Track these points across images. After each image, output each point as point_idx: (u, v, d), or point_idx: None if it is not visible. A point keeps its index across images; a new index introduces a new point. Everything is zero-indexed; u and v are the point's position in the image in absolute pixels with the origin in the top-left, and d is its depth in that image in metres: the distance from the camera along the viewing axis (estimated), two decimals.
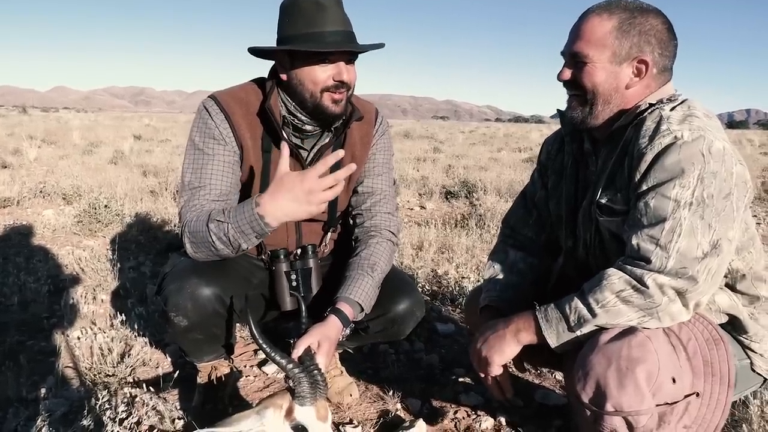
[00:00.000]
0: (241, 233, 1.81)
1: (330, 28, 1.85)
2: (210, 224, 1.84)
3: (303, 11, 1.85)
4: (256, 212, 1.76)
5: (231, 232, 1.81)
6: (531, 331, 1.64)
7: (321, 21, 1.84)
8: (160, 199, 6.65)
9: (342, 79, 1.89)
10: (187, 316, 1.94)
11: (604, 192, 1.69)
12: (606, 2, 1.66)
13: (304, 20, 1.85)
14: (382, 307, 2.10)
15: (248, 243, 1.85)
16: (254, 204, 1.77)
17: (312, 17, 1.84)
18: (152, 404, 2.19)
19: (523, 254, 2.04)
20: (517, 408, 2.35)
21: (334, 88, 1.90)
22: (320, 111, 1.94)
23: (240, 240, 1.82)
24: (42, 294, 3.48)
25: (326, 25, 1.84)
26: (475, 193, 7.40)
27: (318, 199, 1.73)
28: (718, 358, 1.54)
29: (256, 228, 1.79)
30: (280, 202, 1.75)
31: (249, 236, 1.82)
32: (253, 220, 1.77)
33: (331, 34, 1.85)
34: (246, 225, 1.79)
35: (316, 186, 1.71)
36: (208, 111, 1.99)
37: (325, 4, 1.85)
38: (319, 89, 1.89)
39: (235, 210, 1.82)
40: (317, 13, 1.84)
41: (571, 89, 1.72)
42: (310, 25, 1.84)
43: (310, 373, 1.53)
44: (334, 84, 1.89)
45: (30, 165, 10.07)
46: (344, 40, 1.88)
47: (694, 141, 1.49)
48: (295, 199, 1.73)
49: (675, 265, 1.47)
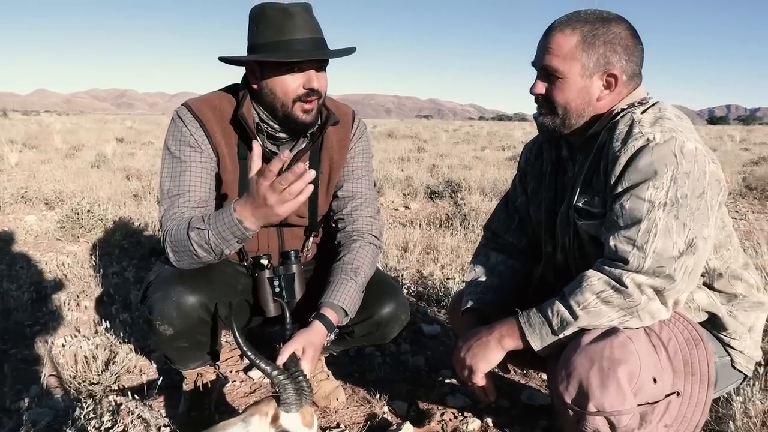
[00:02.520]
0: (222, 239, 1.81)
1: (298, 35, 1.84)
2: (190, 232, 1.83)
3: (270, 19, 1.84)
4: (235, 217, 1.76)
5: (212, 239, 1.81)
6: (515, 337, 1.66)
7: (289, 29, 1.83)
8: (143, 203, 6.61)
9: (312, 87, 1.88)
10: (173, 324, 1.93)
11: (581, 196, 1.71)
12: (566, 17, 1.67)
13: (272, 29, 1.84)
14: (367, 311, 2.10)
15: (230, 248, 1.85)
16: (232, 209, 1.76)
17: (279, 25, 1.83)
18: (138, 412, 2.17)
19: (505, 257, 2.05)
20: (503, 409, 2.37)
21: (305, 96, 1.89)
22: (291, 120, 1.93)
23: (222, 246, 1.82)
24: (24, 301, 3.45)
25: (294, 32, 1.84)
26: (459, 193, 7.42)
27: (276, 201, 1.65)
28: (698, 357, 1.57)
29: (237, 233, 1.78)
30: (248, 207, 1.73)
31: (230, 242, 1.82)
32: (233, 226, 1.77)
33: (300, 42, 1.84)
34: (226, 231, 1.79)
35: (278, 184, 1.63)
36: (182, 119, 1.99)
37: (292, 11, 1.84)
38: (290, 99, 1.89)
39: (215, 216, 1.82)
40: (285, 20, 1.83)
41: (542, 102, 1.74)
42: (278, 33, 1.83)
43: (295, 379, 1.53)
44: (305, 92, 1.88)
45: (11, 170, 9.95)
46: (313, 48, 1.87)
47: (666, 142, 1.52)
48: (256, 203, 1.69)
49: (652, 264, 1.50)
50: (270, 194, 1.65)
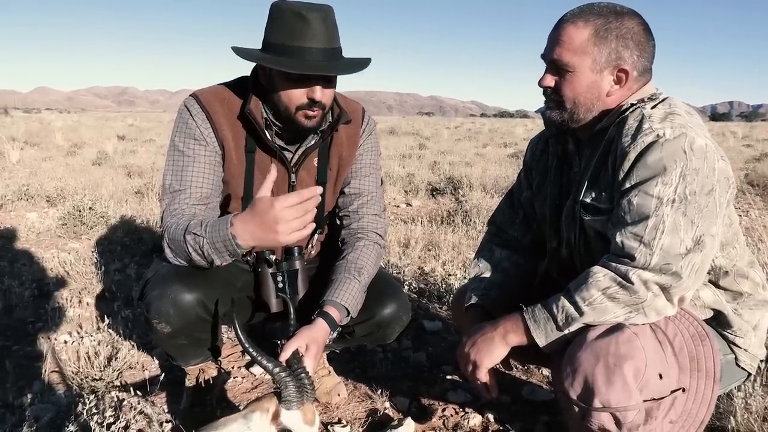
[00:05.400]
0: (215, 250, 1.75)
1: (310, 44, 1.76)
2: (187, 236, 1.79)
3: (285, 20, 1.78)
4: (230, 232, 1.69)
5: (206, 248, 1.76)
6: (519, 333, 1.65)
7: (301, 35, 1.76)
8: (145, 200, 6.61)
9: (315, 98, 1.83)
10: (170, 322, 1.91)
11: (588, 191, 1.70)
12: (579, 9, 1.65)
13: (285, 31, 1.78)
14: (369, 312, 2.09)
15: (222, 260, 1.79)
16: (229, 223, 1.70)
17: (292, 29, 1.77)
18: (140, 408, 2.17)
19: (509, 252, 2.04)
20: (505, 404, 2.37)
21: (308, 106, 1.85)
22: (293, 124, 1.90)
23: (213, 256, 1.77)
24: (27, 298, 3.45)
25: (306, 40, 1.76)
26: (461, 189, 7.42)
27: (286, 230, 1.58)
28: (704, 354, 1.56)
29: (229, 247, 1.72)
30: (249, 226, 1.65)
31: (222, 254, 1.76)
32: (226, 240, 1.71)
33: (310, 52, 1.77)
34: (220, 243, 1.73)
35: (284, 216, 1.56)
36: (189, 111, 1.95)
37: (308, 17, 1.76)
38: (293, 107, 1.85)
39: (212, 226, 1.76)
40: (298, 25, 1.76)
41: (551, 95, 1.72)
42: (290, 37, 1.77)
43: (297, 376, 1.53)
44: (308, 102, 1.84)
45: (12, 167, 9.95)
46: (324, 60, 1.79)
47: (676, 138, 1.50)
48: (262, 224, 1.61)
49: (659, 261, 1.48)
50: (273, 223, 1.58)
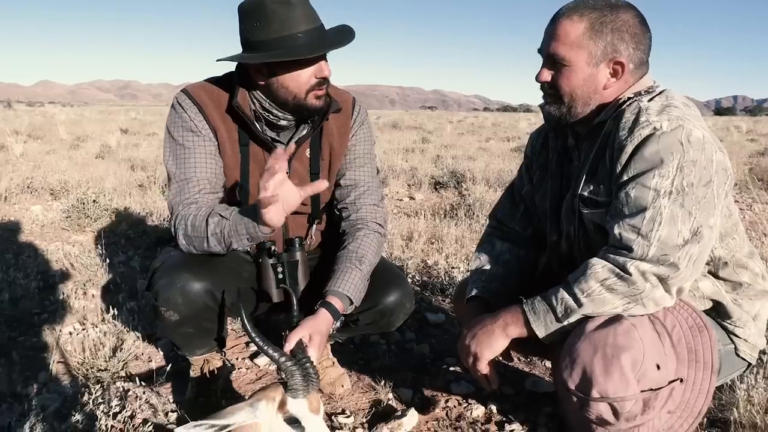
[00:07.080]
0: (235, 232, 1.83)
1: (303, 27, 1.84)
2: (211, 218, 1.87)
3: (273, 14, 1.82)
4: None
5: (227, 229, 1.84)
6: (519, 325, 1.67)
7: (292, 22, 1.82)
8: (148, 193, 6.63)
9: (324, 76, 1.92)
10: (178, 310, 1.95)
11: (587, 184, 1.71)
12: (574, 3, 1.66)
13: (275, 24, 1.82)
14: (372, 300, 2.11)
15: (240, 243, 1.87)
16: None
17: (283, 19, 1.82)
18: (145, 398, 2.20)
19: (509, 245, 2.05)
20: (507, 396, 2.38)
21: (317, 85, 1.92)
22: (304, 108, 1.96)
23: (232, 238, 1.85)
24: (32, 290, 3.47)
25: (299, 25, 1.83)
26: (464, 183, 7.42)
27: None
28: (702, 344, 1.58)
29: (250, 230, 1.81)
30: None
31: (241, 236, 1.84)
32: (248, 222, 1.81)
33: (305, 35, 1.84)
34: (241, 224, 1.82)
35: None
36: (181, 105, 2.01)
37: (293, 2, 1.83)
38: (304, 90, 1.91)
39: (238, 210, 1.86)
40: (288, 14, 1.82)
41: (548, 90, 1.74)
42: (282, 27, 1.82)
43: (302, 366, 1.55)
44: (317, 81, 1.91)
45: (16, 160, 9.98)
46: (317, 38, 1.87)
47: (673, 131, 1.52)
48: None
49: (656, 252, 1.50)
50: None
